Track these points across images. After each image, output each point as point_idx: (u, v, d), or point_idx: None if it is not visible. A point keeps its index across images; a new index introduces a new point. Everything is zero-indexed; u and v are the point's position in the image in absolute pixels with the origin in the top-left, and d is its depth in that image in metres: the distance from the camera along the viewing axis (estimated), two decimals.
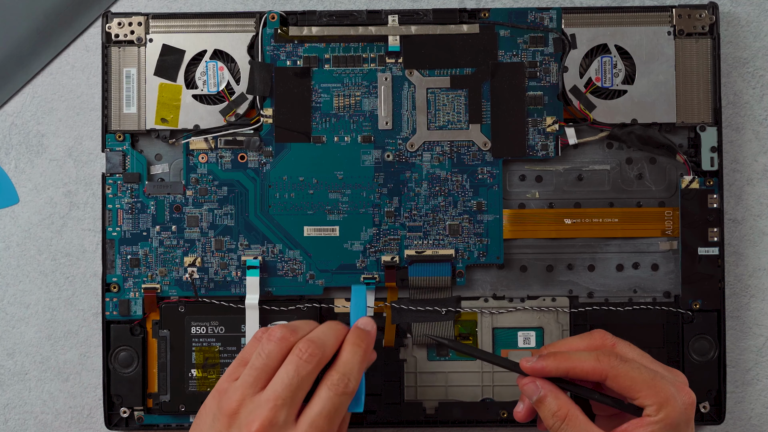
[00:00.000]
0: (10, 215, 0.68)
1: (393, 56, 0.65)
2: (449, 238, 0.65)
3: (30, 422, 0.68)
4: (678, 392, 0.55)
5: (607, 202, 0.65)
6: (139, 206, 0.65)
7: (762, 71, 0.67)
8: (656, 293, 0.65)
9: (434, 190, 0.65)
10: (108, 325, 0.65)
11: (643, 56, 0.65)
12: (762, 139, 0.67)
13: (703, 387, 0.64)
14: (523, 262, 0.65)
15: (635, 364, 0.56)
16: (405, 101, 0.65)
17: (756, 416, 0.67)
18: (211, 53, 0.65)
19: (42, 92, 0.68)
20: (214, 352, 0.65)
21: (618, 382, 0.55)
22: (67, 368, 0.68)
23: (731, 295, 0.67)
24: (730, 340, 0.67)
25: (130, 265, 0.65)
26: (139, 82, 0.65)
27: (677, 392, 0.55)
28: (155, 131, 0.65)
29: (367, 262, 0.65)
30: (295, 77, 0.65)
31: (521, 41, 0.65)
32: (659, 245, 0.65)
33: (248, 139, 0.65)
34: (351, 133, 0.65)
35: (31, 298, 0.68)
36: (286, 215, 0.65)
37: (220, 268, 0.65)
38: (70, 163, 0.68)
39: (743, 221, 0.67)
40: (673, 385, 0.55)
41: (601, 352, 0.56)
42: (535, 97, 0.65)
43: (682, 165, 0.65)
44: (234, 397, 0.53)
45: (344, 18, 0.65)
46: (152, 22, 0.65)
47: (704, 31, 0.65)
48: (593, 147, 0.66)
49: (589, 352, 0.56)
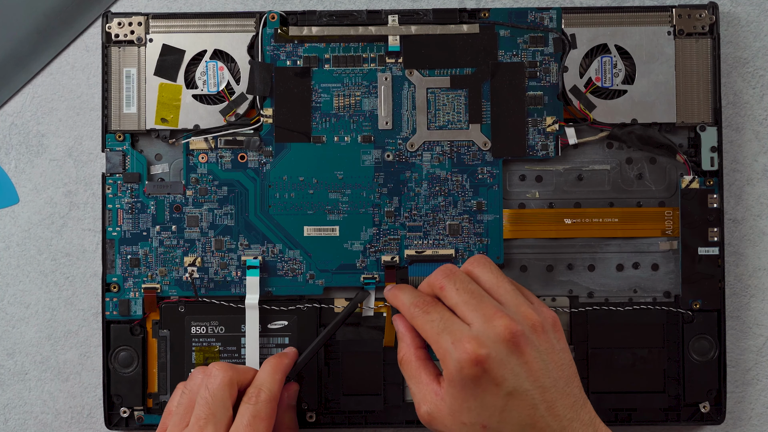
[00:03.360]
0: (10, 215, 0.68)
1: (393, 56, 0.65)
2: (449, 238, 0.65)
3: (30, 422, 0.68)
4: (455, 348, 0.53)
5: (607, 202, 0.65)
6: (139, 206, 0.65)
7: (762, 71, 0.67)
8: (656, 293, 0.65)
9: (434, 190, 0.65)
10: (108, 325, 0.65)
11: (643, 56, 0.65)
12: (762, 139, 0.67)
13: (703, 387, 0.64)
14: (523, 262, 0.65)
15: (429, 317, 0.56)
16: (405, 101, 0.65)
17: (756, 416, 0.67)
18: (211, 53, 0.65)
19: (42, 92, 0.68)
20: (214, 352, 0.65)
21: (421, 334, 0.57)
22: (67, 368, 0.68)
23: (731, 295, 0.67)
24: (730, 340, 0.67)
25: (130, 265, 0.65)
26: (139, 82, 0.65)
27: (454, 348, 0.53)
28: (155, 131, 0.65)
29: (367, 262, 0.65)
30: (295, 77, 0.65)
31: (521, 41, 0.65)
32: (659, 245, 0.65)
33: (248, 139, 0.65)
34: (351, 133, 0.65)
35: (31, 298, 0.68)
36: (286, 215, 0.65)
37: (220, 268, 0.65)
38: (70, 163, 0.68)
39: (743, 221, 0.67)
40: (452, 340, 0.53)
41: (414, 303, 0.57)
42: (535, 97, 0.65)
43: (682, 165, 0.65)
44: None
45: (344, 18, 0.65)
46: (152, 22, 0.65)
47: (704, 31, 0.65)
48: (593, 147, 0.66)
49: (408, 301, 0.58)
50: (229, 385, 0.58)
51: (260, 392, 0.58)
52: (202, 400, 0.57)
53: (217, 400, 0.57)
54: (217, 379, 0.58)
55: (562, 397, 0.53)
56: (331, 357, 0.65)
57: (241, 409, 0.57)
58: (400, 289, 0.60)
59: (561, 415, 0.53)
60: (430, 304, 0.57)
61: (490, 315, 0.54)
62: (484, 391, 0.53)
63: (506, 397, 0.53)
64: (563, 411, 0.53)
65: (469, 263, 0.58)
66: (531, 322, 0.54)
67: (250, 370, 0.60)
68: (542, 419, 0.53)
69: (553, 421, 0.53)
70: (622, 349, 0.65)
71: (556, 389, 0.53)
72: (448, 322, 0.55)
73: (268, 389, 0.58)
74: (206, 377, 0.58)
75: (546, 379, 0.53)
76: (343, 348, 0.65)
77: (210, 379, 0.58)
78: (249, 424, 0.56)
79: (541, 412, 0.53)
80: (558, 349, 0.55)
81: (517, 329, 0.53)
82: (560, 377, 0.54)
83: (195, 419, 0.57)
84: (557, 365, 0.54)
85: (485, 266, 0.58)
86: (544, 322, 0.55)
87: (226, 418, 0.57)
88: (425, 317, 0.56)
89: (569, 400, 0.54)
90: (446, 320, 0.55)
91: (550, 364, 0.54)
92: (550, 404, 0.53)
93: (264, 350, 0.64)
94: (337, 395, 0.65)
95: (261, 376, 0.59)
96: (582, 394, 0.55)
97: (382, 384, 0.65)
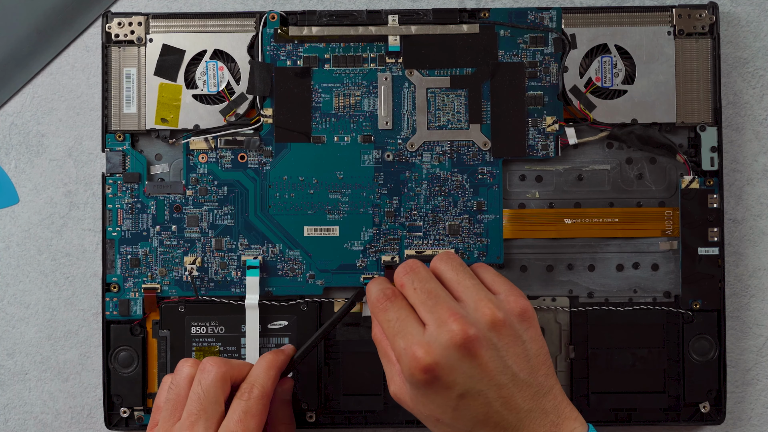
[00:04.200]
0: (10, 215, 0.68)
1: (393, 56, 0.65)
2: (449, 238, 0.65)
3: (30, 422, 0.68)
4: (405, 354, 0.54)
5: (607, 202, 0.65)
6: (139, 206, 0.65)
7: (762, 71, 0.67)
8: (656, 293, 0.65)
9: (434, 190, 0.65)
10: (108, 325, 0.65)
11: (643, 56, 0.65)
12: (762, 139, 0.67)
13: (703, 387, 0.64)
14: (523, 262, 0.65)
15: (387, 316, 0.56)
16: (405, 101, 0.65)
17: (756, 416, 0.67)
18: (211, 53, 0.65)
19: (42, 92, 0.68)
20: (214, 352, 0.65)
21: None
22: (67, 368, 0.68)
23: (731, 295, 0.67)
24: (730, 340, 0.67)
25: (130, 265, 0.65)
26: (139, 82, 0.65)
27: (405, 354, 0.54)
28: (155, 131, 0.65)
29: (367, 262, 0.65)
30: (295, 77, 0.65)
31: (521, 41, 0.65)
32: (659, 245, 0.65)
33: (248, 139, 0.65)
34: (351, 133, 0.65)
35: (31, 298, 0.68)
36: (286, 215, 0.65)
37: (220, 268, 0.65)
38: (70, 163, 0.68)
39: (743, 221, 0.67)
40: (404, 345, 0.54)
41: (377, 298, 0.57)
42: (535, 97, 0.65)
43: (682, 165, 0.65)
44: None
45: (344, 18, 0.65)
46: (152, 22, 0.65)
47: (704, 31, 0.65)
48: (593, 147, 0.66)
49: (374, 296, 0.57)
50: (222, 380, 0.58)
51: (253, 388, 0.58)
52: (194, 395, 0.57)
53: (209, 396, 0.57)
54: (210, 375, 0.58)
55: (522, 389, 0.53)
56: (331, 357, 0.65)
57: (233, 405, 0.58)
58: (373, 281, 0.59)
59: (519, 407, 0.53)
60: (391, 300, 0.56)
61: (444, 318, 0.53)
62: (436, 393, 0.54)
63: (458, 398, 0.53)
64: (522, 403, 0.53)
65: (435, 259, 0.58)
66: (489, 320, 0.54)
67: (245, 365, 0.60)
68: (497, 414, 0.53)
69: (509, 414, 0.53)
70: (622, 349, 0.65)
71: (514, 383, 0.53)
72: (404, 324, 0.55)
73: (261, 385, 0.58)
74: (200, 372, 0.58)
75: (502, 377, 0.53)
76: (343, 348, 0.65)
77: (203, 374, 0.58)
78: (240, 420, 0.57)
79: (495, 408, 0.53)
80: (525, 339, 0.55)
81: (470, 334, 0.53)
82: (522, 369, 0.54)
83: (186, 414, 0.57)
84: (520, 357, 0.54)
85: (447, 262, 0.57)
86: (507, 315, 0.54)
87: (218, 414, 0.57)
88: (383, 315, 0.56)
89: (530, 391, 0.54)
90: (402, 321, 0.55)
91: (509, 359, 0.54)
92: (506, 399, 0.53)
93: (264, 350, 0.64)
94: (337, 395, 0.65)
95: (255, 372, 0.59)
96: (548, 381, 0.54)
97: (382, 384, 0.65)
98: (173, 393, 0.58)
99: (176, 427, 0.57)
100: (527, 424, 0.53)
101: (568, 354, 0.65)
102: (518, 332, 0.54)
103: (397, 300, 0.56)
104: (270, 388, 0.59)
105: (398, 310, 0.56)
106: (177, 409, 0.58)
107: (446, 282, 0.57)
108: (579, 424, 0.54)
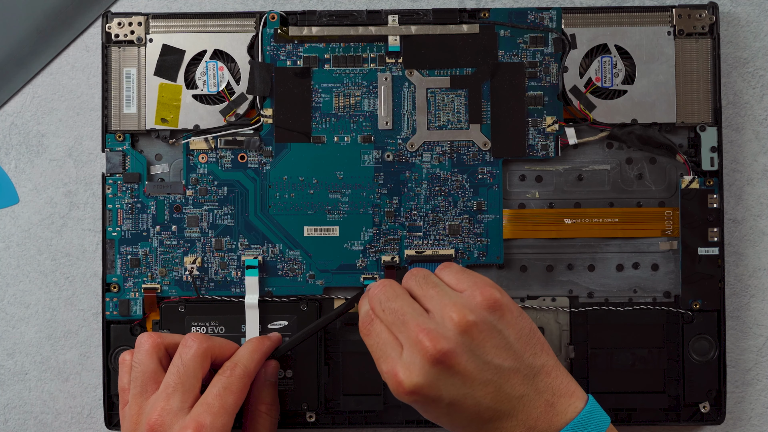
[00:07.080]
0: (10, 215, 0.68)
1: (393, 56, 0.65)
2: (449, 238, 0.65)
3: (30, 422, 0.68)
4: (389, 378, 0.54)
5: (607, 202, 0.65)
6: (139, 206, 0.65)
7: (762, 71, 0.67)
8: (656, 293, 0.65)
9: (434, 190, 0.65)
10: (108, 325, 0.65)
11: (643, 56, 0.65)
12: (762, 139, 0.67)
13: (703, 387, 0.64)
14: (523, 262, 0.65)
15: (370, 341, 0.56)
16: (405, 101, 0.65)
17: (756, 416, 0.67)
18: (211, 53, 0.65)
19: (42, 92, 0.68)
20: None
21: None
22: (67, 368, 0.68)
23: (731, 295, 0.67)
24: (730, 340, 0.67)
25: (130, 265, 0.65)
26: (139, 82, 0.65)
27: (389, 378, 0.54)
28: (155, 131, 0.65)
29: (367, 262, 0.65)
30: (295, 77, 0.65)
31: (521, 41, 0.65)
32: (659, 245, 0.65)
33: (248, 139, 0.65)
34: (351, 133, 0.65)
35: (31, 298, 0.68)
36: (286, 215, 0.65)
37: (220, 268, 0.65)
38: (70, 163, 0.68)
39: (743, 221, 0.67)
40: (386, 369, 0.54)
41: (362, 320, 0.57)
42: (535, 97, 0.65)
43: (682, 165, 0.65)
44: (132, 411, 0.58)
45: (344, 18, 0.65)
46: (152, 22, 0.65)
47: (704, 31, 0.65)
48: (593, 147, 0.66)
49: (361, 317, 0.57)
50: (203, 356, 0.58)
51: (236, 367, 0.59)
52: (173, 368, 0.58)
53: (188, 370, 0.58)
54: (191, 350, 0.58)
55: (509, 378, 0.53)
56: (331, 357, 0.65)
57: (214, 380, 0.59)
58: (364, 297, 0.59)
59: (509, 395, 0.53)
60: (371, 324, 0.56)
61: (414, 337, 0.53)
62: (426, 407, 0.54)
63: (447, 407, 0.53)
64: (511, 390, 0.53)
65: (404, 277, 0.58)
66: (457, 325, 0.53)
67: (228, 343, 0.61)
68: (488, 410, 0.53)
69: (501, 405, 0.53)
70: (622, 349, 0.65)
71: (500, 375, 0.53)
72: (383, 348, 0.55)
73: (244, 366, 0.59)
74: (182, 347, 0.59)
75: (486, 374, 0.53)
76: (343, 348, 0.65)
77: (185, 348, 0.59)
78: (218, 394, 0.57)
79: (486, 404, 0.53)
80: (500, 328, 0.54)
81: (441, 348, 0.53)
82: (505, 359, 0.53)
83: (164, 387, 0.57)
84: (500, 349, 0.54)
85: (411, 278, 0.57)
86: (476, 312, 0.54)
87: (195, 389, 0.58)
88: (367, 340, 0.56)
89: (518, 377, 0.53)
90: (381, 345, 0.55)
91: (489, 355, 0.53)
92: (494, 394, 0.53)
93: None
94: (337, 395, 0.65)
95: (240, 352, 0.60)
96: (537, 360, 0.54)
97: (382, 384, 0.65)
98: (139, 371, 0.59)
99: (152, 398, 0.58)
100: (521, 409, 0.53)
101: (568, 354, 0.65)
102: (492, 324, 0.54)
103: (375, 323, 0.56)
104: (253, 369, 0.60)
105: (377, 335, 0.56)
106: (147, 384, 0.58)
107: (416, 297, 0.56)
108: (576, 399, 0.54)
